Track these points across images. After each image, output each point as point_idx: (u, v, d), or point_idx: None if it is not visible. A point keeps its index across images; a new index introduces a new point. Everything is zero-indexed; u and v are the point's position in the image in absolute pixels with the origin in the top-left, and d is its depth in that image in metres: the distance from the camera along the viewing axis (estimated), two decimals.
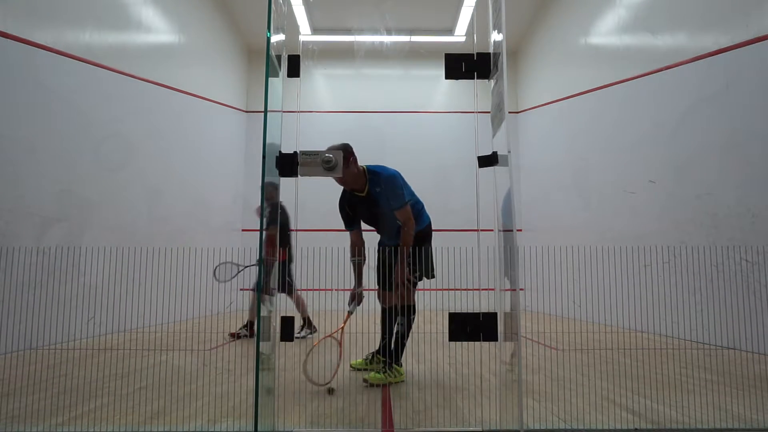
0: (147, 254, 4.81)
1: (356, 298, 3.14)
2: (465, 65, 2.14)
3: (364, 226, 3.27)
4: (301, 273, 4.37)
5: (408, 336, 3.01)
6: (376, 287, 3.19)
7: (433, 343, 4.11)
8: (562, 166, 6.86)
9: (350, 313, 3.08)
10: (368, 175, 3.04)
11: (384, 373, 2.83)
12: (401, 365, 2.95)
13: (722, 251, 4.21)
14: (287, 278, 4.49)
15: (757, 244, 4.03)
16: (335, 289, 4.07)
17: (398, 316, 2.93)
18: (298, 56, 2.18)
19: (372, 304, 3.25)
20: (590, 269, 3.61)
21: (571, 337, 4.38)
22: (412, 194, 3.14)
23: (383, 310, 3.04)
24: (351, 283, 3.24)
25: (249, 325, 4.63)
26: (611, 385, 2.75)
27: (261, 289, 1.99)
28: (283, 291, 4.55)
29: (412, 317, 2.99)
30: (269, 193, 2.00)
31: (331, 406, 2.33)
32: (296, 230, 4.69)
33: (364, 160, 3.15)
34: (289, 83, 2.16)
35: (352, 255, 3.20)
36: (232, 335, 4.56)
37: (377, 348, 3.17)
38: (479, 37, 2.23)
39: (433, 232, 3.33)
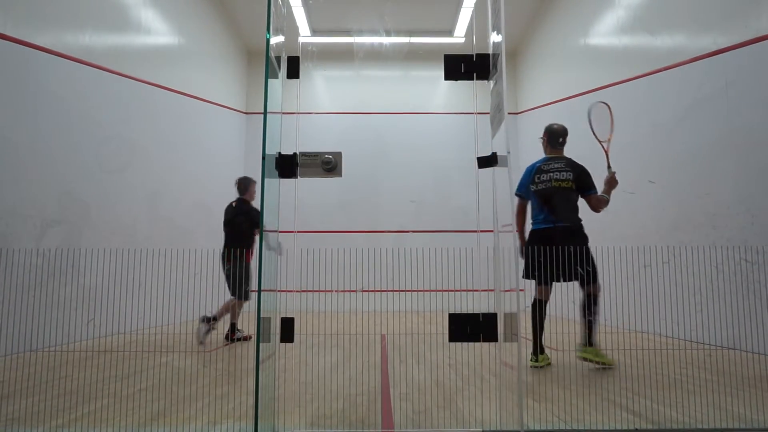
0: (147, 255, 4.79)
1: None
2: (464, 66, 2.15)
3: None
4: (300, 274, 4.36)
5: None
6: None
7: (433, 343, 4.12)
8: None
9: None
10: None
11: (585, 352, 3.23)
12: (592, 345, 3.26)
13: (722, 251, 4.21)
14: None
15: (756, 244, 4.03)
16: (335, 291, 4.07)
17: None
18: (298, 58, 2.18)
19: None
20: None
21: (571, 337, 4.37)
22: (520, 188, 3.68)
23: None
24: (352, 284, 3.24)
25: (231, 327, 4.60)
26: (611, 386, 2.75)
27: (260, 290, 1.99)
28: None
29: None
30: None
31: (331, 407, 2.33)
32: (295, 231, 4.68)
33: (363, 160, 3.17)
34: (288, 85, 2.16)
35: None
36: (232, 339, 4.55)
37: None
38: (478, 38, 2.23)
39: (433, 233, 3.38)
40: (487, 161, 2.04)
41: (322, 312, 4.89)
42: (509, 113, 4.13)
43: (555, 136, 3.65)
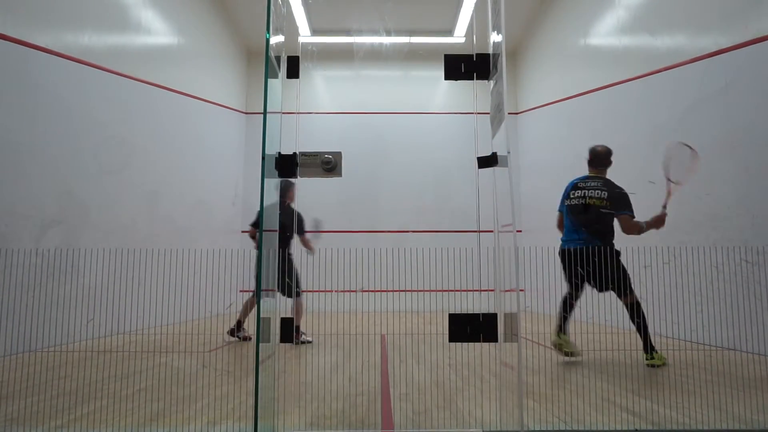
0: (147, 255, 4.81)
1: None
2: (464, 66, 2.14)
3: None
4: (301, 274, 4.37)
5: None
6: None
7: (433, 344, 4.11)
8: (561, 167, 6.86)
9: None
10: None
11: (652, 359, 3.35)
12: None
13: (722, 252, 4.21)
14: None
15: (756, 244, 4.03)
16: (335, 291, 4.07)
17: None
18: (298, 57, 2.18)
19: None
20: None
21: (571, 338, 4.37)
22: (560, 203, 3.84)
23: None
24: (352, 284, 3.24)
25: (237, 325, 4.60)
26: (611, 386, 2.75)
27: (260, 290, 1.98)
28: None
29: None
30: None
31: (331, 408, 2.33)
32: (295, 232, 4.68)
33: (363, 161, 3.16)
34: (288, 84, 2.16)
35: None
36: (235, 336, 4.54)
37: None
38: (478, 38, 2.23)
39: (433, 233, 3.42)
40: (487, 161, 2.03)
41: (322, 312, 4.89)
42: (509, 113, 4.13)
43: (597, 157, 3.77)
